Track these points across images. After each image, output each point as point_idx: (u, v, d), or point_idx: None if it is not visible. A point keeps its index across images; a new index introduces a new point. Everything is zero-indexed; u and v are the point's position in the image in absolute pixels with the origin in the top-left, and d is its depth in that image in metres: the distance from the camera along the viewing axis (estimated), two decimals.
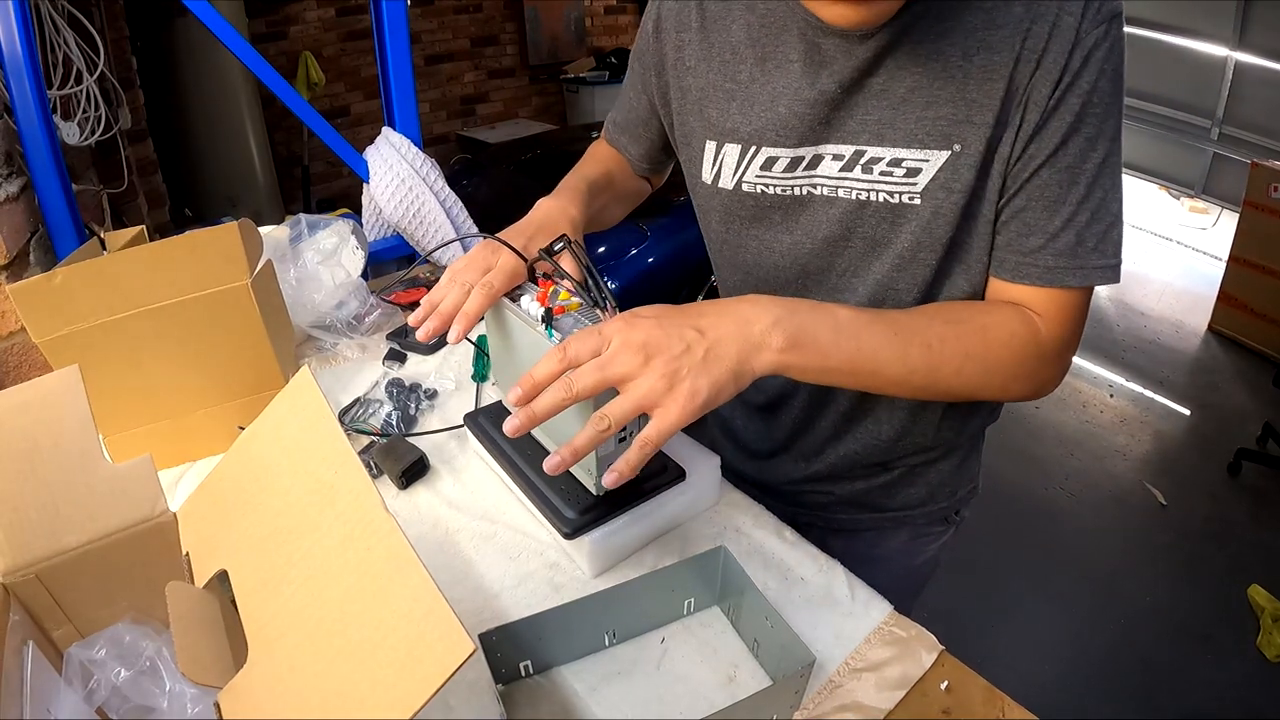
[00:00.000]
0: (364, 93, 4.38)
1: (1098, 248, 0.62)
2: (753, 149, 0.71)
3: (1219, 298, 3.55)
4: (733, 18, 0.71)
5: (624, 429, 0.57)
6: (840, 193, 0.68)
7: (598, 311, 0.63)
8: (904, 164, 0.64)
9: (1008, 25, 0.59)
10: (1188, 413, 3.00)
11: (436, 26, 4.65)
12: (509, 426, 0.54)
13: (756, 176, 0.71)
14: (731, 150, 0.72)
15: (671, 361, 0.52)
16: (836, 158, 0.67)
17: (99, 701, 0.44)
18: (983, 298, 0.69)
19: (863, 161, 0.66)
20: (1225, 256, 3.52)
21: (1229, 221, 3.55)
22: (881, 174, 0.65)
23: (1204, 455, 2.72)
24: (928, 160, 0.63)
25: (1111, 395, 3.13)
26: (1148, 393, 3.15)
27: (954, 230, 0.65)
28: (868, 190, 0.66)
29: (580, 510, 0.65)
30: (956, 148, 0.62)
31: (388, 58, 1.46)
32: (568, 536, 0.64)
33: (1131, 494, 2.56)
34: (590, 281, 0.65)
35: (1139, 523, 2.43)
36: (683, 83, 0.76)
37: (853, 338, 0.58)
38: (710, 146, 0.74)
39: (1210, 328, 3.60)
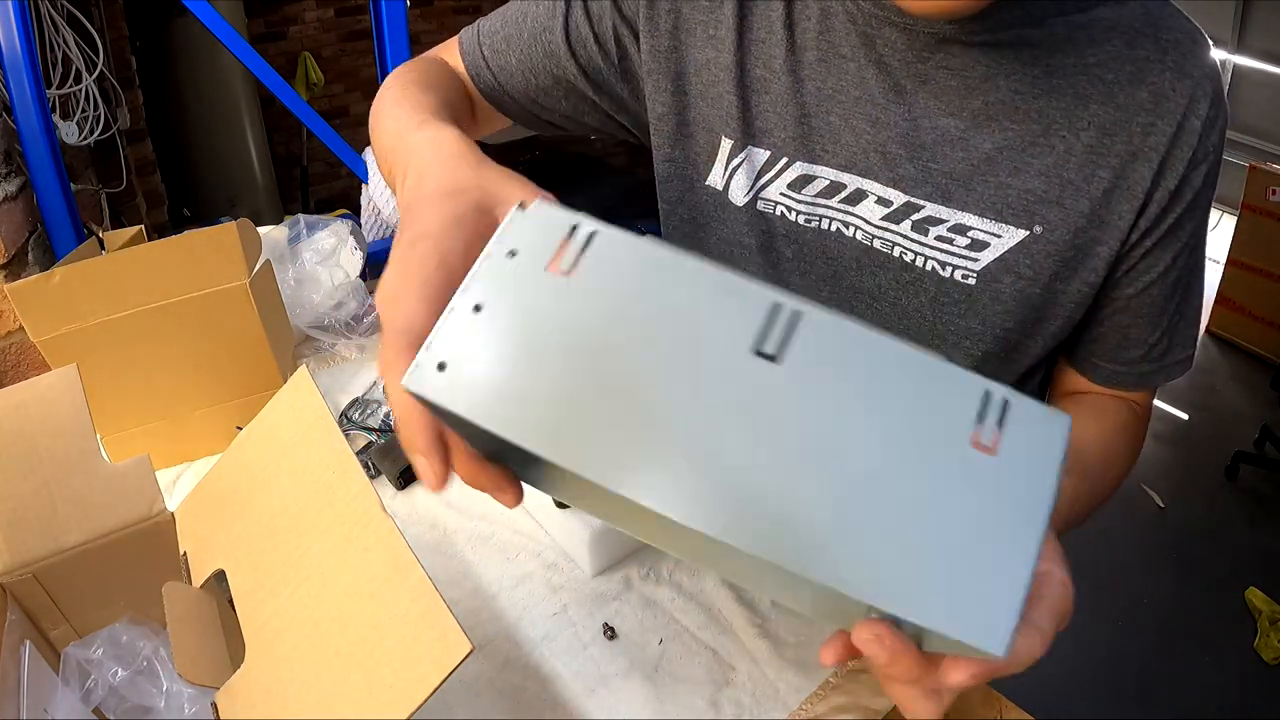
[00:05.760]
0: (363, 93, 4.36)
1: (1182, 344, 0.60)
2: (783, 160, 0.58)
3: (1217, 300, 3.55)
4: None
5: None
6: (877, 244, 0.57)
7: None
8: (970, 233, 0.54)
9: (1129, 109, 0.50)
10: (1185, 416, 3.01)
11: (436, 28, 4.64)
12: None
13: (780, 194, 0.58)
14: (756, 156, 0.59)
15: None
16: (881, 202, 0.56)
17: (96, 701, 0.44)
18: (1015, 381, 0.63)
19: (914, 218, 0.55)
20: (1223, 259, 3.52)
21: (1227, 224, 3.56)
22: (938, 239, 0.55)
23: (1202, 458, 2.72)
24: (1000, 236, 0.53)
25: None
26: None
27: (1011, 321, 0.56)
28: (914, 254, 0.56)
29: None
30: (1037, 229, 0.53)
31: (387, 59, 1.47)
32: None
33: (1129, 496, 2.57)
34: None
35: (1137, 525, 2.43)
36: (696, 53, 0.59)
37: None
38: (725, 145, 0.60)
39: (1208, 330, 3.60)
